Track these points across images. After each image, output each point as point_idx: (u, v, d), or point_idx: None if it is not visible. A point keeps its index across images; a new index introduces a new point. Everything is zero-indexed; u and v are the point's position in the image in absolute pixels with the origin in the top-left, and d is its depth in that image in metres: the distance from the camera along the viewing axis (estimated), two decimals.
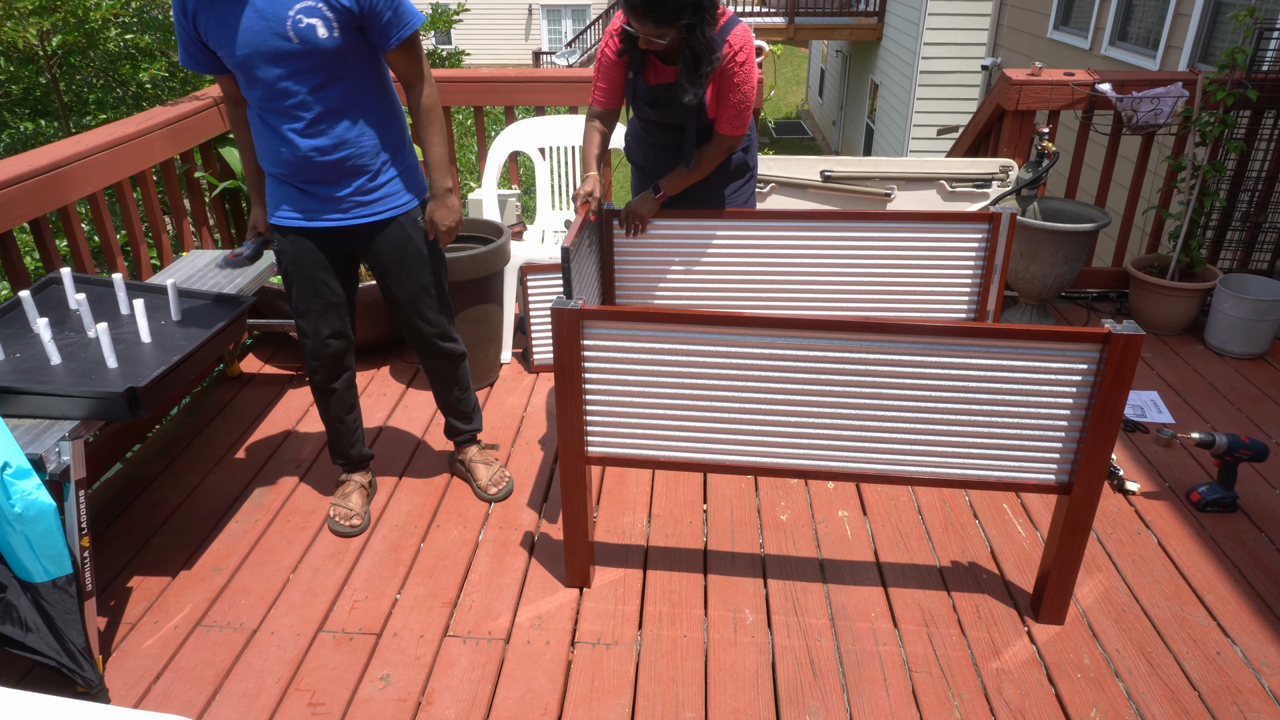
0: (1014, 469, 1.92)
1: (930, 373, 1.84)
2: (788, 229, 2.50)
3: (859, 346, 1.84)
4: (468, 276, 2.85)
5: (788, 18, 13.18)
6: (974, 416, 1.88)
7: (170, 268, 2.76)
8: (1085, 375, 1.80)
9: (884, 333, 1.82)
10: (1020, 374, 1.82)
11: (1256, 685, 1.91)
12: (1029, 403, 1.85)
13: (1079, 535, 1.94)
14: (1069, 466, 1.90)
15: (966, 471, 1.94)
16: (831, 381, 1.89)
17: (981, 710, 1.85)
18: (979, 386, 1.84)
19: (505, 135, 3.36)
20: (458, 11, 7.20)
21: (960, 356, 1.82)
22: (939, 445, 1.92)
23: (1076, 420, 1.85)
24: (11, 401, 1.85)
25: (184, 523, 2.46)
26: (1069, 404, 1.83)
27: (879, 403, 1.89)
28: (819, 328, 1.83)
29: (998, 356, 1.81)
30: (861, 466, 1.97)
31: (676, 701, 1.88)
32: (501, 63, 22.13)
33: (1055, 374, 1.81)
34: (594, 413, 2.00)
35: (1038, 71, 3.51)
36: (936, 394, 1.86)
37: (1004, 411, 1.86)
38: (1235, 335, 3.26)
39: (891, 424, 1.91)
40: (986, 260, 2.48)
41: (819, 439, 1.96)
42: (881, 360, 1.85)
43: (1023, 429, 1.87)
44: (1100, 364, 1.78)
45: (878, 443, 1.94)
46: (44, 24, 4.71)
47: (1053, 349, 1.79)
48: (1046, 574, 2.02)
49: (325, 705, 1.88)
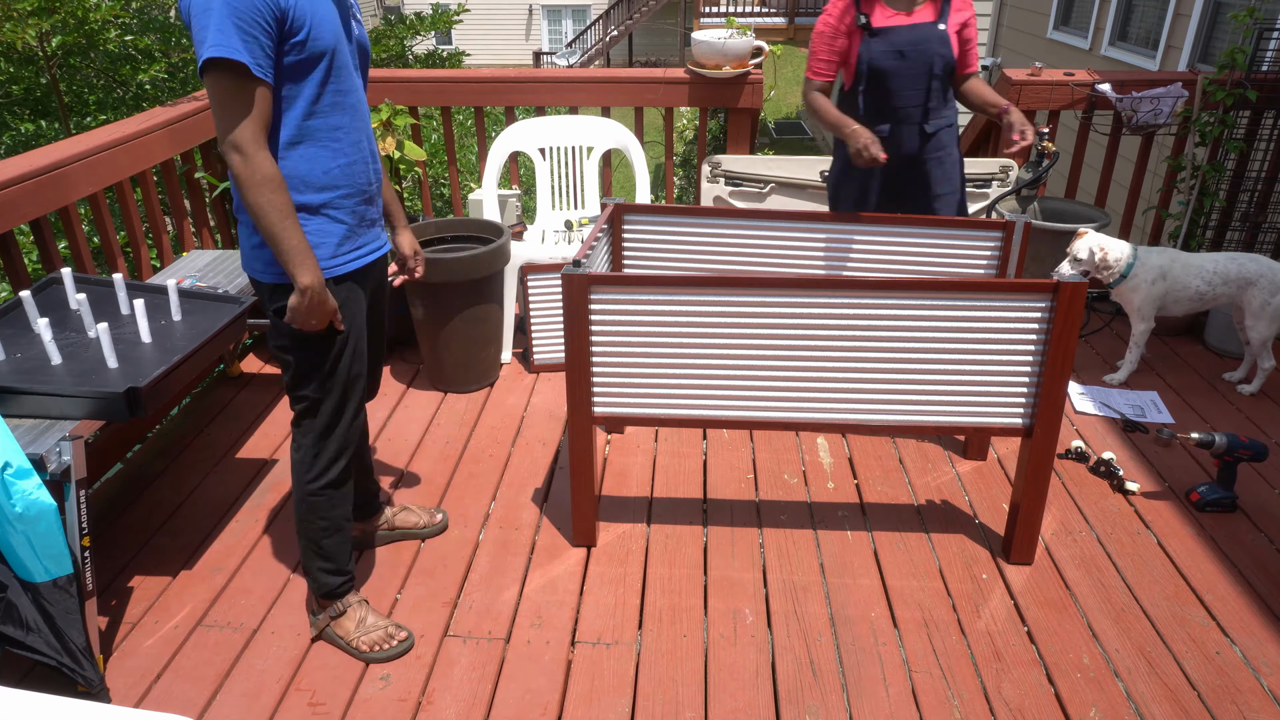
0: (982, 414, 2.11)
1: (904, 325, 2.02)
2: (797, 230, 2.51)
3: (841, 304, 2.01)
4: (468, 276, 2.85)
5: (788, 18, 13.18)
6: (944, 366, 2.06)
7: (171, 268, 2.77)
8: (1039, 323, 2.00)
9: (861, 289, 1.99)
10: (982, 324, 2.01)
11: (1256, 685, 1.91)
12: (992, 350, 2.04)
13: (1043, 473, 2.12)
14: (1030, 410, 2.09)
15: (940, 419, 2.12)
16: (816, 338, 2.05)
17: (981, 709, 1.85)
18: (948, 338, 2.03)
19: (505, 135, 3.36)
20: (458, 12, 7.20)
21: (929, 309, 2.00)
22: (915, 395, 2.09)
23: (1035, 365, 2.04)
24: (12, 401, 1.86)
25: (184, 523, 2.46)
26: (1027, 350, 2.03)
27: (860, 358, 2.07)
28: (802, 286, 2.00)
29: (962, 309, 2.00)
30: (845, 418, 2.13)
31: (676, 701, 1.88)
32: (502, 63, 22.13)
33: (1013, 323, 2.01)
34: (600, 373, 2.12)
35: (1038, 72, 3.51)
36: (911, 347, 2.04)
37: (970, 360, 2.05)
38: (1235, 335, 3.26)
39: (871, 377, 2.08)
40: (999, 269, 2.47)
41: (807, 393, 2.11)
42: (860, 317, 2.02)
43: (988, 376, 2.06)
44: (1051, 311, 1.97)
45: (859, 395, 2.10)
46: (44, 25, 4.71)
47: (1009, 299, 1.98)
48: (1015, 511, 2.20)
49: (325, 705, 1.88)
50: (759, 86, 3.43)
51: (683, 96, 3.48)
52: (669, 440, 2.81)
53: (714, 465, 2.68)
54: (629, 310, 2.06)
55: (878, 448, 2.76)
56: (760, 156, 3.50)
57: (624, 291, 2.04)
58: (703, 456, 2.72)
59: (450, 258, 2.80)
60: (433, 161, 6.16)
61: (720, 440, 2.80)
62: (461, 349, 3.01)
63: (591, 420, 2.17)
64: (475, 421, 2.93)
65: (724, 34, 3.38)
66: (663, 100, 3.50)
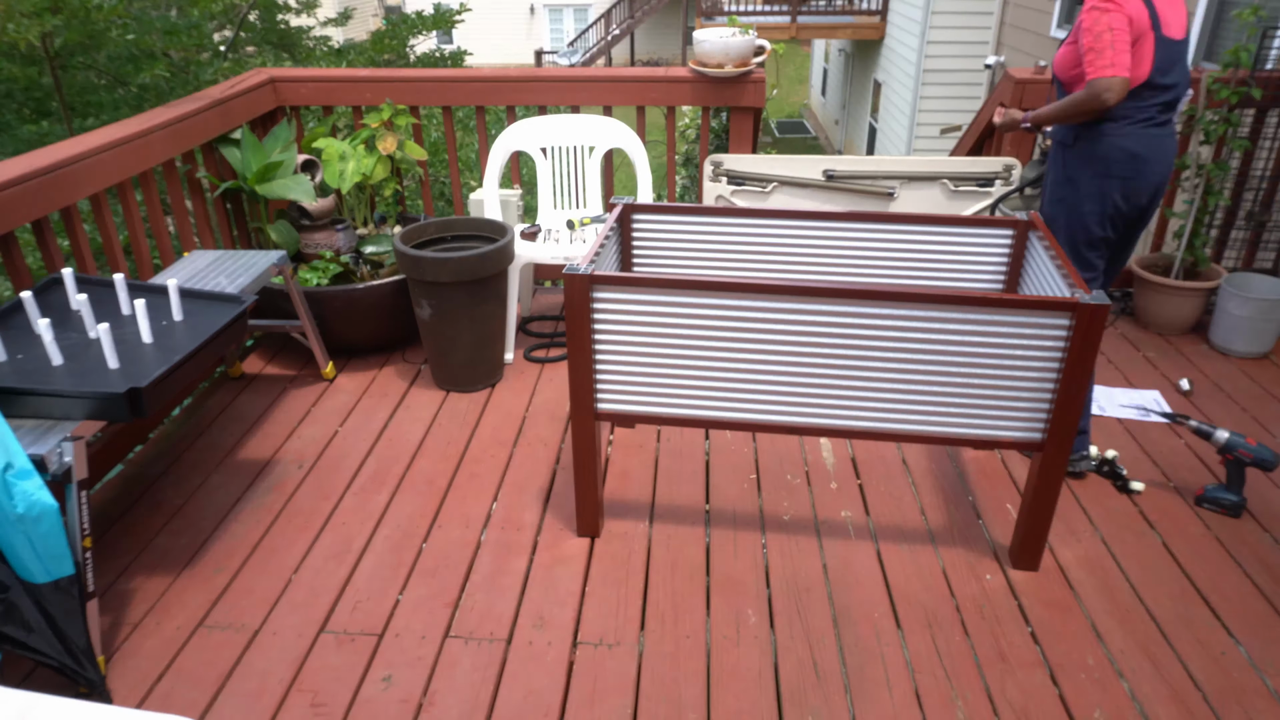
0: (994, 427, 2.08)
1: (919, 336, 2.00)
2: (805, 228, 2.50)
3: (852, 313, 1.99)
4: (474, 275, 2.85)
5: (790, 16, 13.16)
6: (959, 379, 2.04)
7: (172, 268, 2.76)
8: (1057, 341, 1.96)
9: (875, 300, 1.97)
10: (1000, 340, 1.98)
11: (1261, 686, 1.90)
12: (1008, 366, 2.01)
13: (1052, 486, 2.11)
14: (1042, 425, 2.06)
15: (951, 429, 2.10)
16: (827, 346, 2.04)
17: (985, 711, 1.85)
18: (964, 351, 2.00)
19: (507, 135, 3.35)
20: (460, 11, 7.20)
21: (946, 323, 1.97)
22: (927, 405, 2.08)
23: (1049, 382, 2.01)
24: (13, 402, 1.85)
25: (186, 523, 2.46)
26: (1043, 367, 2.00)
27: (871, 365, 2.05)
28: (814, 294, 1.98)
29: (981, 324, 1.97)
30: (853, 424, 2.12)
31: (679, 702, 1.87)
32: (503, 62, 22.13)
33: (1031, 340, 1.97)
34: (603, 372, 2.15)
35: (1041, 70, 3.50)
36: (925, 357, 2.02)
37: (986, 374, 2.02)
38: (1240, 335, 3.25)
39: (882, 385, 2.07)
40: (1010, 267, 2.45)
41: (811, 399, 2.11)
42: (873, 326, 2.00)
43: (1002, 390, 2.04)
44: (1070, 330, 1.94)
45: (869, 402, 2.09)
46: (47, 25, 4.72)
47: (1029, 317, 1.95)
48: (1024, 522, 2.19)
49: (327, 706, 1.88)
50: (761, 85, 3.42)
51: (685, 95, 3.47)
52: (671, 440, 2.80)
53: (716, 465, 2.67)
54: (631, 310, 2.07)
55: (881, 448, 2.75)
56: (763, 155, 3.49)
57: (625, 290, 2.05)
58: (705, 457, 2.72)
59: (456, 256, 2.80)
60: (434, 161, 6.16)
61: (722, 440, 2.80)
62: (468, 348, 3.00)
63: (594, 417, 2.20)
64: (477, 422, 2.92)
65: (726, 33, 3.37)
66: (664, 99, 3.49)
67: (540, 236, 3.23)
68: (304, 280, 3.20)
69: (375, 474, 2.66)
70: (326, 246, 3.32)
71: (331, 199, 3.35)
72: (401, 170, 3.72)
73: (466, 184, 6.98)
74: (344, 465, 2.70)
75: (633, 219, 2.55)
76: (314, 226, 3.31)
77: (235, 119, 3.34)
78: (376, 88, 3.54)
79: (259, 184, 3.21)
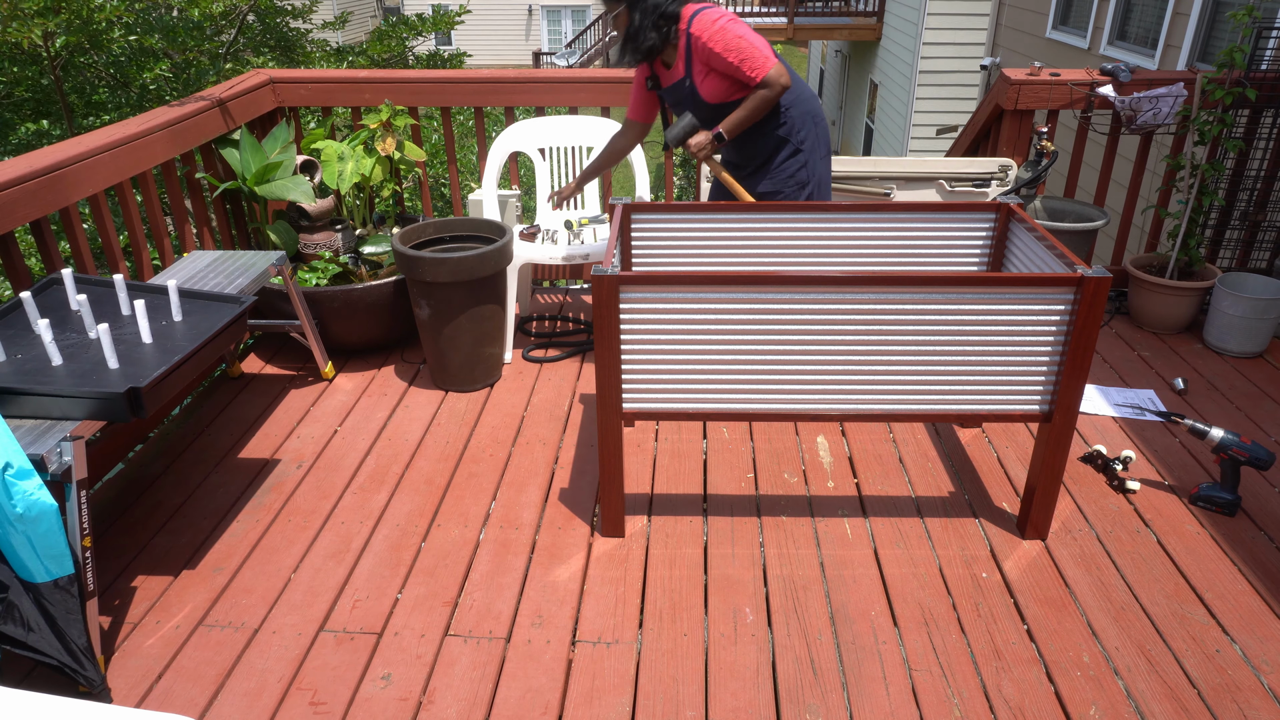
0: (1006, 402, 2.16)
1: (932, 319, 2.07)
2: (797, 221, 2.53)
3: (865, 299, 2.05)
4: (473, 275, 2.86)
5: (787, 17, 13.17)
6: (971, 356, 2.11)
7: (171, 268, 2.77)
8: (1062, 315, 2.05)
9: (894, 286, 2.03)
10: (1009, 316, 2.06)
11: (1256, 683, 1.91)
12: (1017, 342, 2.09)
13: (1059, 455, 2.20)
14: (1050, 397, 2.14)
15: (965, 406, 2.17)
16: (844, 333, 2.09)
17: (981, 708, 1.86)
18: (975, 329, 2.08)
19: (505, 136, 3.36)
20: (459, 13, 7.21)
21: (957, 303, 2.05)
22: (945, 384, 2.14)
23: (1056, 355, 2.10)
24: (13, 402, 1.86)
25: (185, 523, 2.46)
26: (1050, 341, 2.08)
27: (891, 348, 2.10)
28: (828, 283, 2.03)
29: (989, 301, 2.04)
30: (873, 408, 2.17)
31: (677, 700, 1.88)
32: (502, 63, 22.13)
33: (1038, 315, 2.06)
34: (630, 371, 2.17)
35: (1037, 71, 3.51)
36: (939, 338, 2.09)
37: (996, 351, 2.10)
38: (1234, 334, 3.27)
39: (902, 367, 2.12)
40: (994, 250, 2.50)
41: (837, 385, 2.16)
42: (893, 311, 2.06)
43: (1012, 366, 2.11)
44: (1075, 304, 2.02)
45: (890, 385, 2.15)
46: (49, 25, 4.72)
47: (1035, 293, 2.03)
48: (1032, 491, 2.28)
49: (327, 704, 1.88)
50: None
51: None
52: (669, 440, 2.81)
53: (714, 464, 2.68)
54: (658, 308, 2.08)
55: (878, 447, 2.76)
56: None
57: (652, 290, 2.06)
58: (703, 456, 2.73)
59: (455, 256, 2.80)
60: (433, 162, 6.17)
61: (720, 439, 2.81)
62: (467, 348, 3.01)
63: (620, 416, 2.20)
64: (476, 421, 2.93)
65: None
66: None
67: (539, 237, 3.24)
68: (303, 280, 3.21)
69: (374, 473, 2.66)
70: (325, 247, 3.33)
71: (330, 200, 3.36)
72: (400, 171, 3.73)
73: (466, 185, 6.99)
74: (343, 465, 2.71)
75: (632, 219, 2.56)
76: (313, 227, 3.32)
77: (234, 120, 3.35)
78: (375, 89, 3.55)
79: (258, 185, 3.21)
